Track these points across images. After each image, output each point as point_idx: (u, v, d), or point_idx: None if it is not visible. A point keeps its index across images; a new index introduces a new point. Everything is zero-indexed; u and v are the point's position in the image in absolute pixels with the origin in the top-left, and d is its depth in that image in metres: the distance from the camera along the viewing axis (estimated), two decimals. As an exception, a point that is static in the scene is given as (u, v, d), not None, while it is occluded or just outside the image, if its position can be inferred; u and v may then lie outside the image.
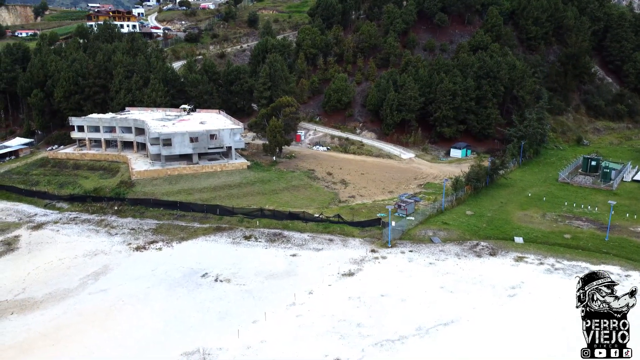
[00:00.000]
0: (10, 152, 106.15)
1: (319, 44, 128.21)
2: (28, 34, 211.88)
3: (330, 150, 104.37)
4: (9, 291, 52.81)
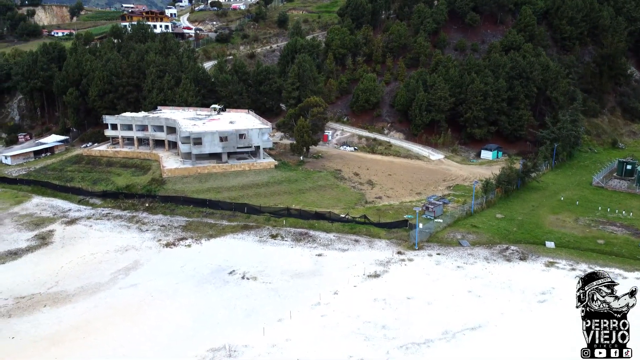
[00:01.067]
0: (46, 149, 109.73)
1: (348, 43, 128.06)
2: (64, 33, 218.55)
3: (357, 151, 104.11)
4: (43, 284, 54.55)
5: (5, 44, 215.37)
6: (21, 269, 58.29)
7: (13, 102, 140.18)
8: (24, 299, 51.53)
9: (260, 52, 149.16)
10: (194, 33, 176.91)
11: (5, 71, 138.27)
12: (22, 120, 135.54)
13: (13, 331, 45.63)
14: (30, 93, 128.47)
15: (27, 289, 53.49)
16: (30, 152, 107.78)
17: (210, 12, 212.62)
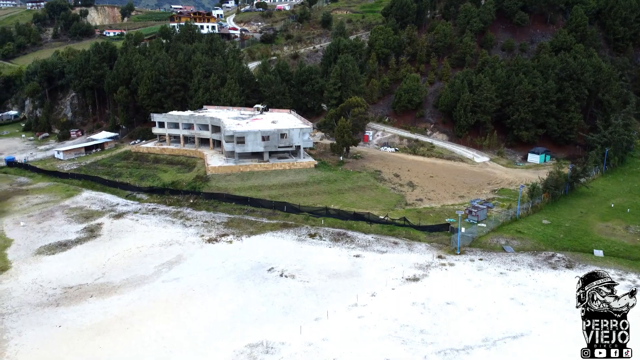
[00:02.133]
0: (97, 145, 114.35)
1: (392, 43, 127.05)
2: (115, 33, 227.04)
3: (398, 152, 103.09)
4: (90, 275, 56.81)
5: (59, 43, 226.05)
6: (70, 260, 60.92)
7: (66, 99, 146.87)
8: (72, 289, 53.83)
9: (303, 52, 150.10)
10: (239, 34, 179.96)
11: (59, 69, 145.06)
12: (75, 117, 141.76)
13: (60, 320, 47.76)
14: (83, 91, 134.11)
15: (75, 279, 55.87)
16: (82, 148, 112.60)
17: (256, 13, 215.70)
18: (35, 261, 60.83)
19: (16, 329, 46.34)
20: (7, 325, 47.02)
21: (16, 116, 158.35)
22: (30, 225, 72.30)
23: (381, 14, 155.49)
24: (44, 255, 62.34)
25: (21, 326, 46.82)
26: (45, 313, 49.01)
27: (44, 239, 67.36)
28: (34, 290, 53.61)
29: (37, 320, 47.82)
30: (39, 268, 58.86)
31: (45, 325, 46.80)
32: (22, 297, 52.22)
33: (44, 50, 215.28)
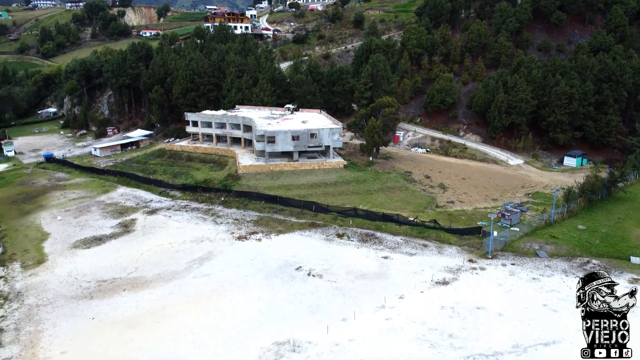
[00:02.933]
0: (132, 143, 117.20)
1: (425, 43, 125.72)
2: (151, 33, 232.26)
3: (429, 153, 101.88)
4: (124, 269, 58.24)
5: (97, 43, 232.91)
6: (104, 254, 62.60)
7: (103, 97, 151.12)
8: (106, 282, 55.31)
9: (335, 52, 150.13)
10: (272, 34, 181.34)
11: (97, 68, 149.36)
12: (111, 115, 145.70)
13: (94, 312, 49.13)
14: (119, 89, 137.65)
15: (108, 273, 57.38)
16: (118, 145, 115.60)
17: (289, 13, 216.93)
18: (71, 255, 62.76)
19: (51, 321, 47.91)
20: (42, 317, 48.67)
21: (55, 113, 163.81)
22: (66, 220, 74.64)
23: (414, 13, 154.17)
24: (79, 249, 64.26)
25: (56, 318, 48.38)
26: (80, 305, 50.49)
27: (80, 233, 69.43)
28: (69, 283, 55.31)
29: (71, 312, 49.32)
30: (74, 261, 60.70)
31: (79, 318, 48.22)
32: (57, 290, 53.96)
33: (83, 50, 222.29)
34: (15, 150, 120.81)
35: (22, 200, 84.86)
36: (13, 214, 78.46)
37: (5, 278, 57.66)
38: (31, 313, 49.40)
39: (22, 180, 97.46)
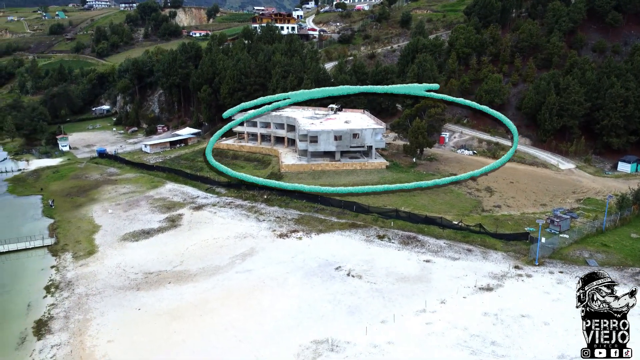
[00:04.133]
0: (181, 140, 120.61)
1: (474, 43, 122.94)
2: (201, 34, 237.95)
3: (476, 155, 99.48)
4: (169, 262, 59.96)
5: (149, 43, 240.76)
6: (152, 247, 64.69)
7: (154, 96, 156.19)
8: (152, 274, 57.11)
9: (380, 52, 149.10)
10: (318, 34, 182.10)
11: (148, 68, 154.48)
12: (161, 113, 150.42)
13: (140, 303, 50.83)
14: (169, 88, 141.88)
15: (155, 265, 59.24)
16: (167, 142, 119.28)
17: (335, 13, 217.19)
18: (120, 247, 65.22)
19: (99, 310, 49.93)
20: (91, 306, 50.81)
21: (108, 111, 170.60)
22: (117, 213, 77.60)
23: (463, 13, 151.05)
24: (128, 242, 66.67)
25: (104, 307, 50.39)
26: (127, 296, 52.38)
27: (129, 226, 72.01)
28: (117, 274, 57.48)
29: (118, 302, 51.24)
30: (123, 253, 63.05)
31: (126, 308, 50.02)
32: (106, 280, 56.20)
33: (135, 49, 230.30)
34: (70, 145, 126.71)
35: (76, 194, 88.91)
36: (67, 207, 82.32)
37: (57, 267, 60.62)
38: (80, 302, 51.68)
39: (76, 174, 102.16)
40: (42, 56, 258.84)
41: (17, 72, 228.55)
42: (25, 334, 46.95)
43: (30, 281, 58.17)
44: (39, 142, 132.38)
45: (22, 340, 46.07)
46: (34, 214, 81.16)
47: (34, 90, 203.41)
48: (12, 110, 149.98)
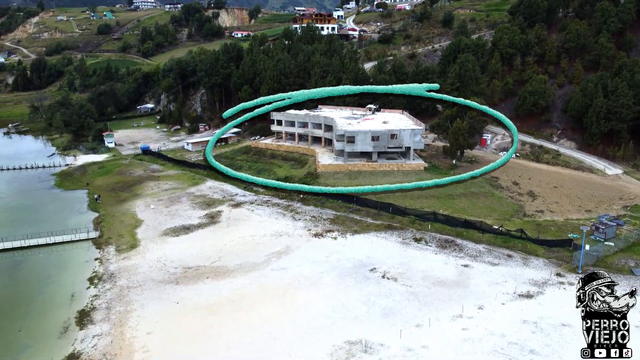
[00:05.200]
0: (221, 139, 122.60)
1: (518, 43, 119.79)
2: (242, 34, 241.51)
3: (519, 158, 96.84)
4: (208, 258, 61.15)
5: (192, 43, 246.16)
6: (191, 242, 66.15)
7: (197, 95, 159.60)
8: (191, 269, 58.39)
9: (421, 52, 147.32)
10: (358, 34, 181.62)
11: (191, 67, 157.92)
12: (203, 112, 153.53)
13: (178, 297, 52.07)
14: (211, 88, 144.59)
15: (194, 260, 60.55)
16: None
17: (375, 13, 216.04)
18: (161, 241, 66.99)
19: (139, 302, 51.44)
20: (131, 298, 52.40)
21: (152, 109, 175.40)
22: (159, 209, 79.74)
23: (507, 12, 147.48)
24: (169, 237, 68.41)
25: (144, 300, 51.88)
26: (166, 290, 53.76)
27: (170, 221, 73.87)
28: (157, 268, 59.08)
29: (158, 295, 52.65)
30: (163, 248, 64.75)
31: (165, 301, 51.35)
32: (146, 273, 57.84)
33: (179, 49, 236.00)
34: (115, 142, 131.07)
35: (120, 189, 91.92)
36: (111, 201, 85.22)
37: (100, 260, 62.84)
38: (122, 294, 53.39)
39: (121, 170, 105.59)
40: (90, 55, 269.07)
41: (66, 71, 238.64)
42: (68, 323, 48.85)
43: (75, 272, 60.51)
44: (86, 139, 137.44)
45: (65, 330, 47.93)
46: (79, 208, 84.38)
47: (82, 88, 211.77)
48: (61, 107, 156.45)
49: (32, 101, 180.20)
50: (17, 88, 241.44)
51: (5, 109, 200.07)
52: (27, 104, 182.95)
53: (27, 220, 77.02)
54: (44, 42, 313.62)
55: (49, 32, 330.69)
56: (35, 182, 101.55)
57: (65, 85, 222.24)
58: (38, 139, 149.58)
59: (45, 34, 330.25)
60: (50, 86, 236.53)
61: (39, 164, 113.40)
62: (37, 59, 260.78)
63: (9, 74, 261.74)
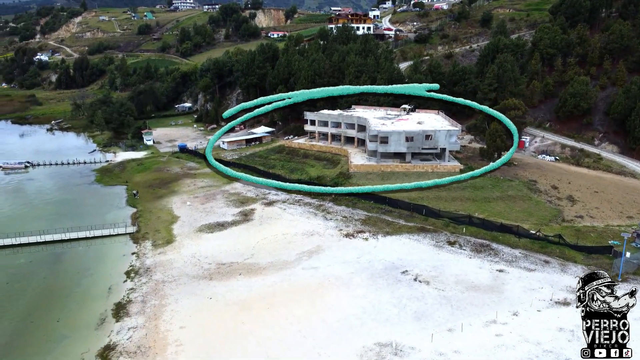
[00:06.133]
0: (256, 138, 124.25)
1: (559, 43, 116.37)
2: (279, 35, 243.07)
3: (558, 161, 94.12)
4: (241, 255, 61.91)
5: (229, 43, 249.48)
6: (225, 239, 67.11)
7: (233, 95, 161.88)
8: (224, 265, 59.26)
9: (458, 52, 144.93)
10: (394, 34, 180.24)
11: (228, 67, 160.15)
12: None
13: (212, 292, 52.92)
14: (247, 88, 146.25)
15: (227, 257, 61.42)
16: (243, 140, 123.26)
17: (412, 13, 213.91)
18: (196, 237, 68.24)
19: (174, 296, 52.55)
20: (166, 292, 53.58)
21: (190, 108, 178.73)
22: (194, 205, 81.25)
23: (548, 12, 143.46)
24: (203, 233, 69.63)
25: (178, 294, 52.97)
26: (200, 285, 54.74)
27: (205, 218, 75.15)
28: (192, 264, 60.21)
29: (192, 290, 53.66)
30: (198, 244, 65.94)
31: (199, 296, 52.29)
32: (181, 268, 59.04)
33: (216, 50, 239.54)
34: (154, 140, 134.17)
35: (157, 185, 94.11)
36: (149, 197, 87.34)
37: (137, 254, 64.50)
38: (157, 288, 54.67)
39: (159, 167, 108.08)
40: (131, 55, 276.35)
41: (108, 70, 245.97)
42: (105, 315, 50.35)
43: (112, 266, 62.35)
44: (126, 136, 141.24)
45: (101, 321, 49.42)
46: (118, 203, 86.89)
47: (122, 86, 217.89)
48: (102, 105, 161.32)
49: (75, 99, 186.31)
50: (60, 86, 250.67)
51: (48, 106, 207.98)
52: (70, 101, 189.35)
53: (68, 214, 79.85)
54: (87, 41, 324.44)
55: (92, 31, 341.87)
56: (76, 177, 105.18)
57: (107, 84, 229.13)
58: (80, 136, 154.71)
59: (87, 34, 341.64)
60: (92, 84, 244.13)
61: (81, 159, 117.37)
62: (79, 58, 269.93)
63: (53, 72, 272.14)
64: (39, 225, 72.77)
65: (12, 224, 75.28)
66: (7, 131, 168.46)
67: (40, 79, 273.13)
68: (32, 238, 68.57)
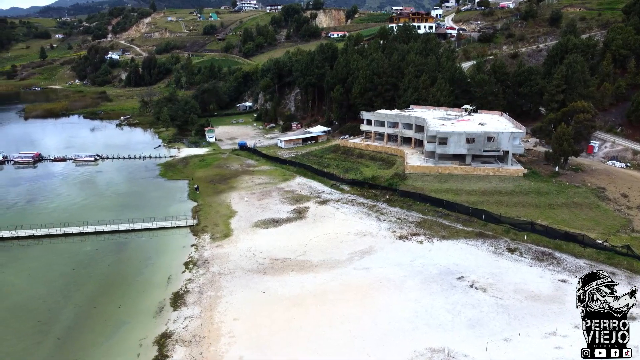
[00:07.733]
0: (311, 137, 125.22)
1: (633, 44, 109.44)
2: (338, 35, 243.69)
3: (629, 168, 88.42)
4: (294, 251, 62.63)
5: (290, 44, 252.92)
6: (279, 235, 68.14)
7: (291, 94, 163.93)
8: (278, 261, 60.16)
9: (524, 51, 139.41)
10: (457, 33, 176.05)
11: (288, 67, 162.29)
12: (296, 111, 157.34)
13: (265, 287, 53.86)
14: (305, 88, 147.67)
15: (280, 253, 62.33)
16: (299, 139, 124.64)
17: (476, 11, 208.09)
18: (252, 232, 69.73)
19: (229, 289, 53.93)
20: (222, 284, 55.07)
21: (250, 107, 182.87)
22: (251, 201, 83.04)
23: (621, 11, 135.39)
24: (259, 228, 71.03)
25: (233, 287, 54.32)
26: (254, 279, 55.88)
27: (261, 214, 76.63)
28: (247, 257, 61.57)
29: (246, 283, 54.87)
30: (253, 239, 67.35)
31: (252, 290, 53.39)
32: (237, 262, 60.50)
33: (277, 50, 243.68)
34: (216, 137, 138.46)
35: (217, 181, 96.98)
36: (209, 192, 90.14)
37: (196, 246, 66.74)
38: (214, 280, 56.31)
39: (219, 163, 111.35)
40: (196, 54, 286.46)
41: (174, 69, 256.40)
42: (164, 304, 52.40)
43: (172, 256, 64.83)
44: (189, 133, 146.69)
45: (160, 309, 51.47)
46: (180, 197, 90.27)
47: (187, 85, 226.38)
48: (168, 102, 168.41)
49: (142, 96, 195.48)
50: (130, 83, 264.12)
51: (118, 102, 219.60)
52: (138, 98, 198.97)
53: (133, 206, 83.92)
54: (155, 41, 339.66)
55: (160, 32, 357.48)
56: (142, 170, 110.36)
57: (173, 82, 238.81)
58: (146, 132, 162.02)
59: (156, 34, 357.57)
60: (159, 82, 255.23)
61: (146, 154, 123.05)
62: (148, 57, 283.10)
63: (123, 70, 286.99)
64: (106, 215, 77.06)
65: (82, 213, 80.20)
66: (79, 126, 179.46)
67: (111, 76, 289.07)
68: (99, 227, 72.70)
